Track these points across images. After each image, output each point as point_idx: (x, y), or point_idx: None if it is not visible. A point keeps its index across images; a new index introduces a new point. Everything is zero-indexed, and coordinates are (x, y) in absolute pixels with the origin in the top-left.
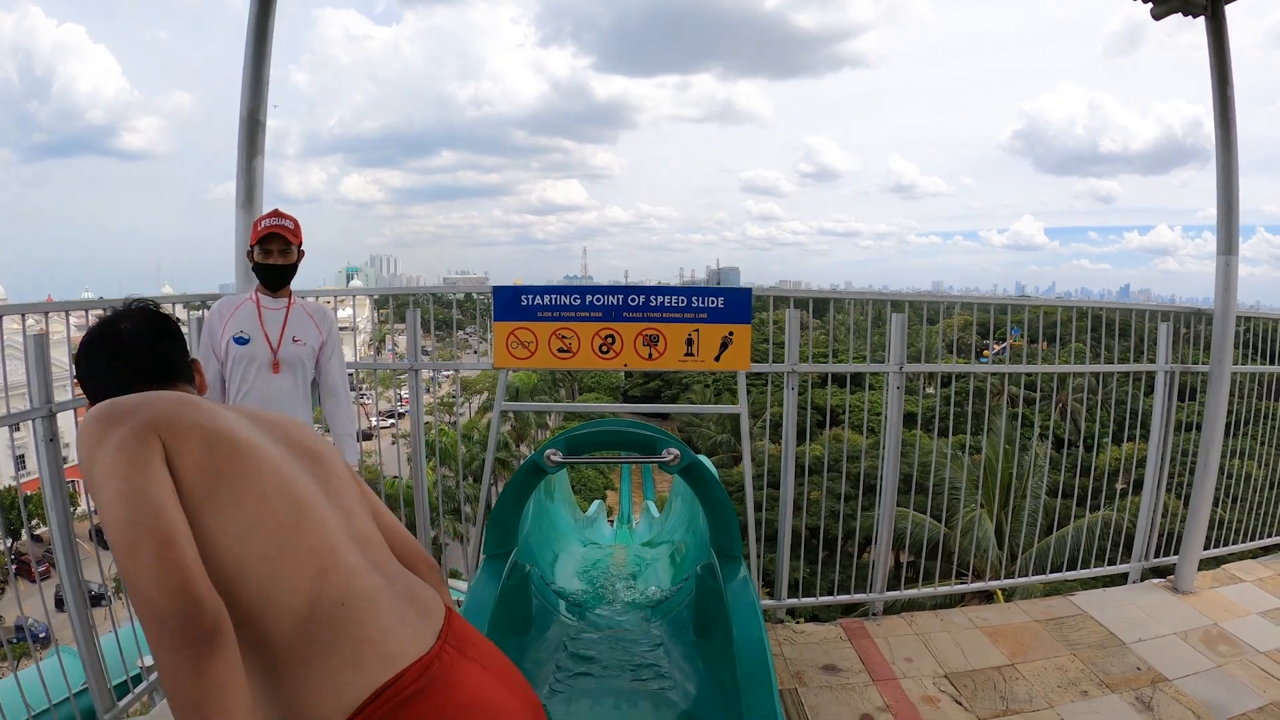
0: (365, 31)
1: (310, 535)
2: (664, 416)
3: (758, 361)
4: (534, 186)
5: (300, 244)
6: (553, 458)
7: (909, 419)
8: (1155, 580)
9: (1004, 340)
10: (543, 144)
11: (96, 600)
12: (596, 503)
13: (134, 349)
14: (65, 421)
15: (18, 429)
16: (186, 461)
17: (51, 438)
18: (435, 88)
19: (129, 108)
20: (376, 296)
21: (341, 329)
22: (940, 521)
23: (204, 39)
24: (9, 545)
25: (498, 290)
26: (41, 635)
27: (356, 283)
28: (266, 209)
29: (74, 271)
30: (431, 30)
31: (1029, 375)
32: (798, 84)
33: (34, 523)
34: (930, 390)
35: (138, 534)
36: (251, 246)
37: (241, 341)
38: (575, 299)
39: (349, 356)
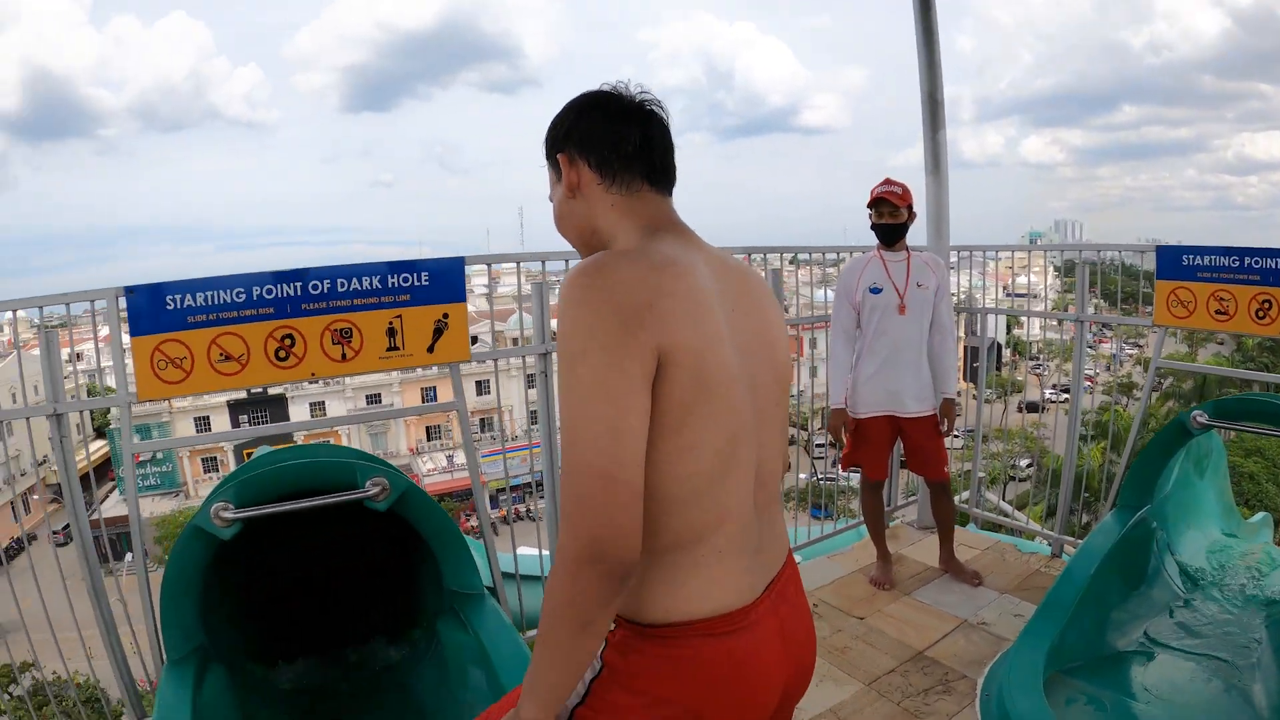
0: None
1: (728, 485)
2: None
3: None
4: (1230, 141)
5: (909, 205)
6: (1199, 419)
7: None
8: None
9: None
10: (1234, 89)
11: None
12: (1262, 515)
13: (656, 134)
14: None
15: None
16: (670, 390)
17: None
18: (1106, 36)
19: (806, 88)
20: (1060, 265)
21: (1019, 295)
22: None
23: (864, 19)
24: None
25: (1161, 250)
26: None
27: (1036, 250)
28: (951, 175)
29: (757, 232)
30: None
31: None
32: None
33: None
34: None
35: (607, 471)
36: (870, 210)
37: (876, 291)
38: (1234, 261)
39: (1035, 325)
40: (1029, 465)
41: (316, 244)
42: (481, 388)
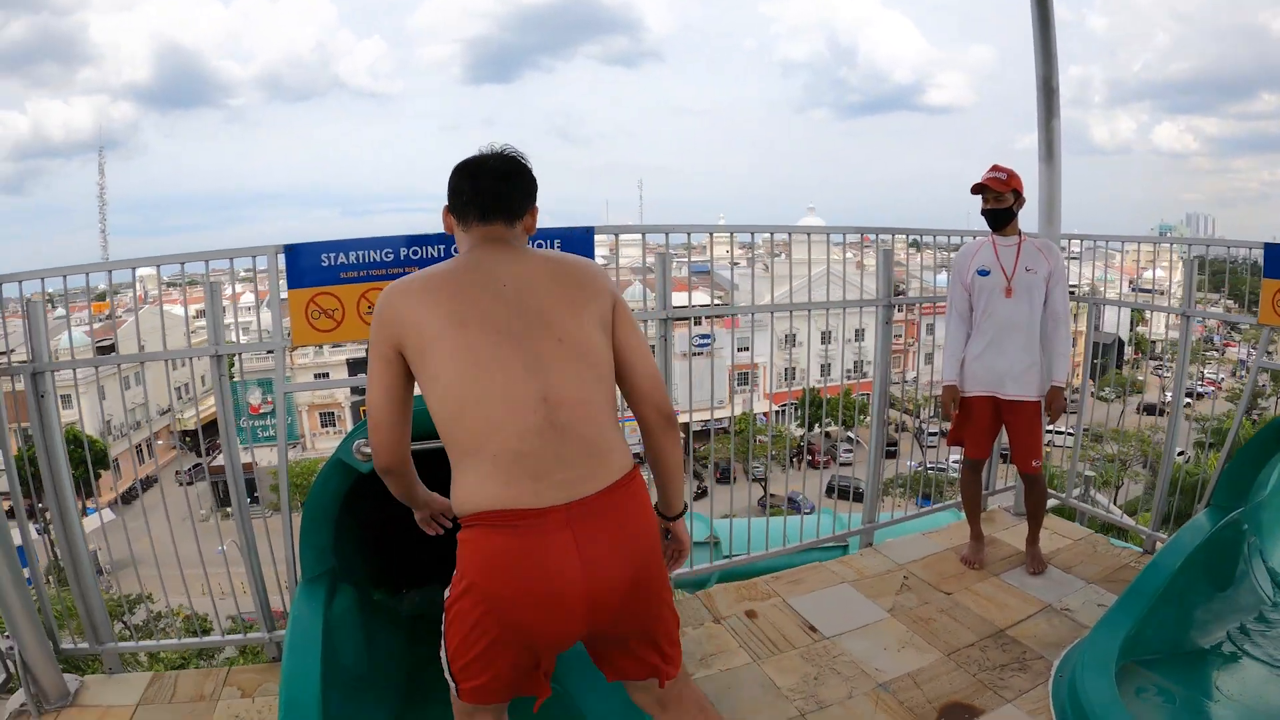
0: None
1: (486, 406)
2: None
3: None
4: None
5: (1012, 191)
6: None
7: None
8: None
9: None
10: None
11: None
12: None
13: (485, 183)
14: None
15: None
16: (410, 354)
17: None
18: (1245, 19)
19: (931, 65)
20: (1189, 259)
21: (1144, 290)
22: None
23: None
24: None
25: (1269, 247)
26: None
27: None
28: (1072, 156)
29: (876, 214)
30: None
31: None
32: None
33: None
34: None
35: (370, 413)
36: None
37: (983, 273)
38: None
39: (1159, 327)
40: (1126, 466)
41: (437, 210)
42: None
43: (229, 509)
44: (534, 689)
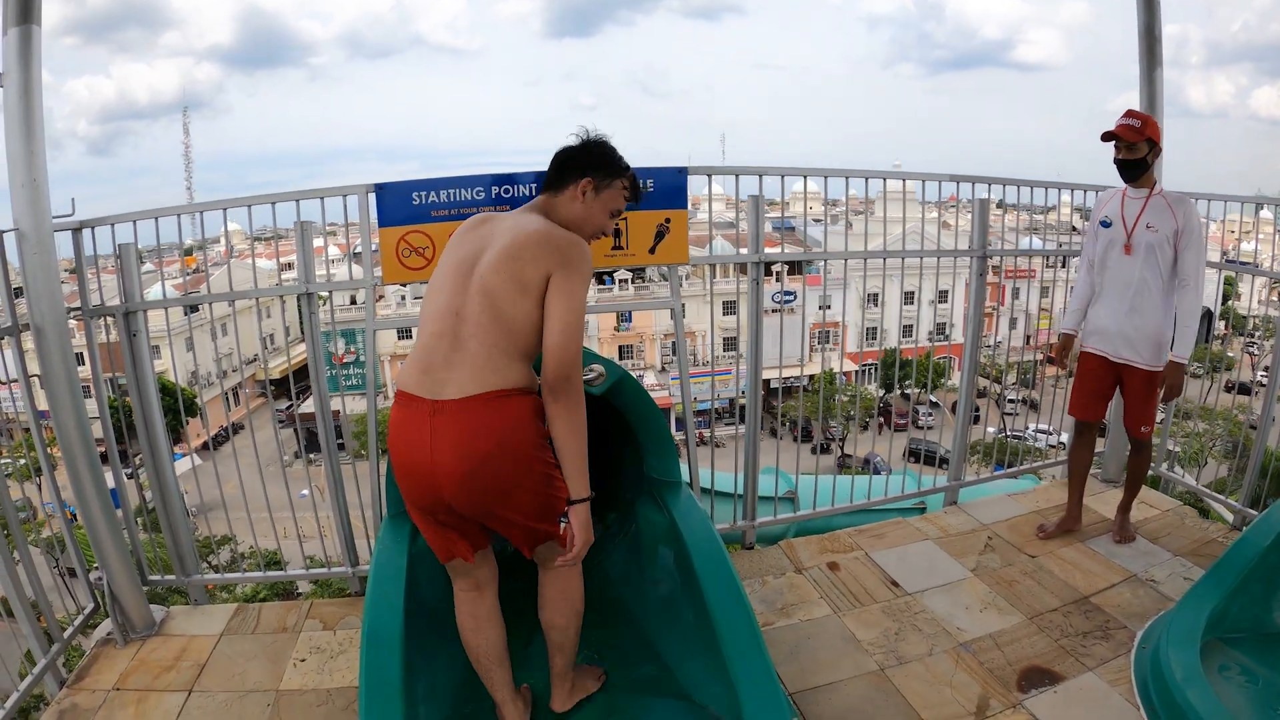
0: None
1: (427, 310)
2: None
3: None
4: None
5: (1146, 140)
6: None
7: None
8: None
9: None
10: None
11: None
12: None
13: (555, 166)
14: None
15: None
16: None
17: None
18: None
19: (1023, 21)
20: None
21: (1243, 263)
22: None
23: None
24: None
25: None
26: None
27: (1265, 213)
28: (1166, 118)
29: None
30: None
31: None
32: None
33: None
34: None
35: None
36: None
37: (1106, 225)
38: None
39: (1251, 303)
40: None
41: (519, 164)
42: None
43: (312, 455)
44: (456, 550)
